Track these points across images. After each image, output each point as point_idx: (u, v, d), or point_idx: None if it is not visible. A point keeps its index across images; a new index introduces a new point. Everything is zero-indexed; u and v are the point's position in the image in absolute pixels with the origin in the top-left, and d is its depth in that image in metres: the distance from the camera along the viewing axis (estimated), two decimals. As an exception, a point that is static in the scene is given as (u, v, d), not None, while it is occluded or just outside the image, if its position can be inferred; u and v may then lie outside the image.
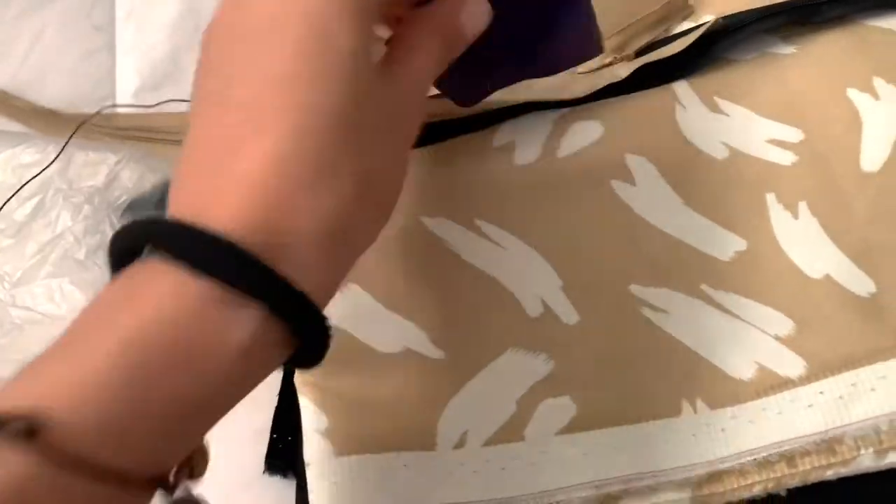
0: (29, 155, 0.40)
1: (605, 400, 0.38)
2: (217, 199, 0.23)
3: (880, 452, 0.35)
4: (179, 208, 0.24)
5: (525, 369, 0.38)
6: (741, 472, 0.36)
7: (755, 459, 0.35)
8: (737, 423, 0.36)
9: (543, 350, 0.39)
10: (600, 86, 0.43)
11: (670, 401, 0.37)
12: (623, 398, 0.38)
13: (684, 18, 0.45)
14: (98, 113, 0.42)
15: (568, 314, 0.39)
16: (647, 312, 0.39)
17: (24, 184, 0.38)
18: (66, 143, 0.39)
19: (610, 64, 0.43)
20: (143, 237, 0.23)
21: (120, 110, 0.44)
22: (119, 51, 0.48)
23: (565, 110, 0.43)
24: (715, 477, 0.36)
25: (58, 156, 0.39)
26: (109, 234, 0.37)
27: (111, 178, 0.38)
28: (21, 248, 0.38)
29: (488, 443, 0.37)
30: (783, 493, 0.36)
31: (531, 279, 0.40)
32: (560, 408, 0.38)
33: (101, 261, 0.37)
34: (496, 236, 0.41)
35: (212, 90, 0.26)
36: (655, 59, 0.43)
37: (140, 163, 0.39)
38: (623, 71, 0.43)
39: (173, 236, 0.22)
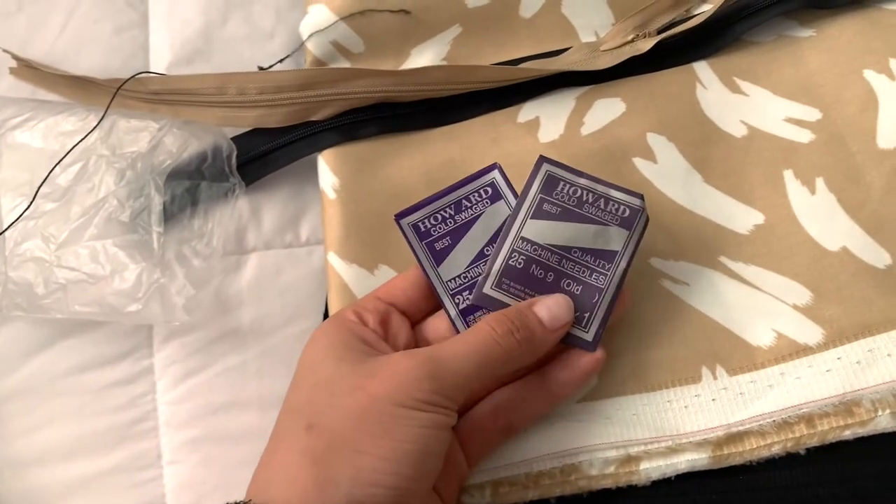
0: (70, 123, 0.41)
1: (626, 369, 0.39)
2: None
3: (896, 414, 0.36)
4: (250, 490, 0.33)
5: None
6: (760, 432, 0.37)
7: (774, 421, 0.36)
8: (756, 387, 0.38)
9: None
10: (623, 59, 0.44)
11: (690, 368, 0.38)
12: (644, 367, 0.39)
13: (704, 0, 0.46)
14: (134, 77, 0.43)
15: (590, 286, 0.40)
16: (668, 284, 0.40)
17: (69, 151, 0.39)
18: (108, 108, 0.40)
19: (632, 41, 0.45)
20: None
21: (154, 75, 0.45)
22: (152, 26, 0.49)
23: (588, 88, 0.45)
24: (734, 437, 0.37)
25: (100, 122, 0.39)
26: (154, 196, 0.38)
27: (154, 143, 0.39)
28: (66, 211, 0.39)
29: None
30: (802, 453, 0.37)
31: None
32: None
33: (146, 223, 0.38)
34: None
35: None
36: (676, 32, 0.44)
37: (183, 129, 0.40)
38: (645, 45, 0.44)
39: None
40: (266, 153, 0.44)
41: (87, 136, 0.39)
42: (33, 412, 0.42)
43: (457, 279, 0.38)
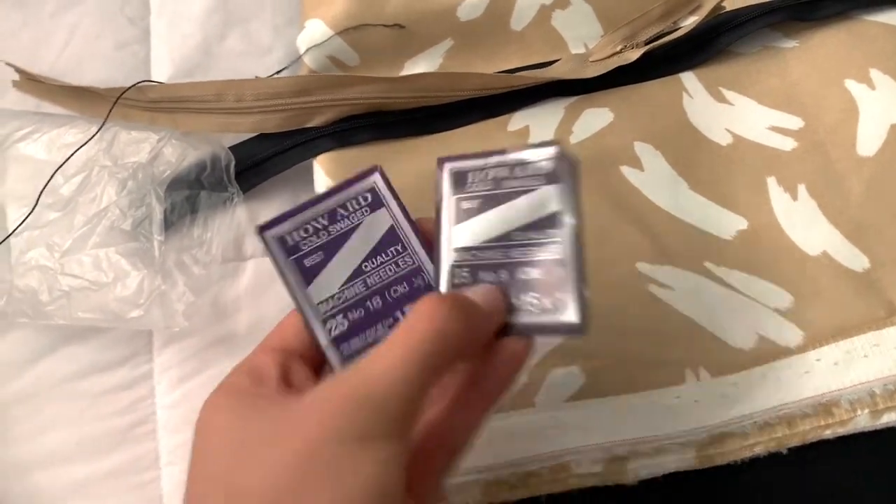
0: (72, 135, 0.42)
1: (612, 370, 0.40)
2: None
3: (875, 413, 0.37)
4: None
5: (537, 341, 0.40)
6: (742, 434, 0.38)
7: (756, 422, 0.37)
8: (737, 389, 0.38)
9: None
10: (611, 68, 0.45)
11: (674, 370, 0.39)
12: (629, 368, 0.40)
13: (691, 13, 0.47)
14: (134, 86, 0.44)
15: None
16: (654, 288, 0.41)
17: (68, 158, 0.40)
18: (108, 115, 0.41)
19: (620, 51, 0.46)
20: None
21: (153, 83, 0.46)
22: (153, 41, 0.50)
23: (577, 97, 0.46)
24: (718, 438, 0.38)
25: (100, 129, 0.41)
26: (155, 205, 0.39)
27: (154, 154, 0.40)
28: (69, 220, 0.40)
29: (500, 410, 0.39)
30: (784, 452, 0.38)
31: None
32: (569, 377, 0.40)
33: (147, 231, 0.39)
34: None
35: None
36: (664, 43, 0.45)
37: (182, 140, 0.41)
38: (633, 55, 0.45)
39: None
40: (263, 160, 0.45)
41: (87, 141, 0.40)
42: (36, 416, 0.43)
43: (329, 301, 0.32)
